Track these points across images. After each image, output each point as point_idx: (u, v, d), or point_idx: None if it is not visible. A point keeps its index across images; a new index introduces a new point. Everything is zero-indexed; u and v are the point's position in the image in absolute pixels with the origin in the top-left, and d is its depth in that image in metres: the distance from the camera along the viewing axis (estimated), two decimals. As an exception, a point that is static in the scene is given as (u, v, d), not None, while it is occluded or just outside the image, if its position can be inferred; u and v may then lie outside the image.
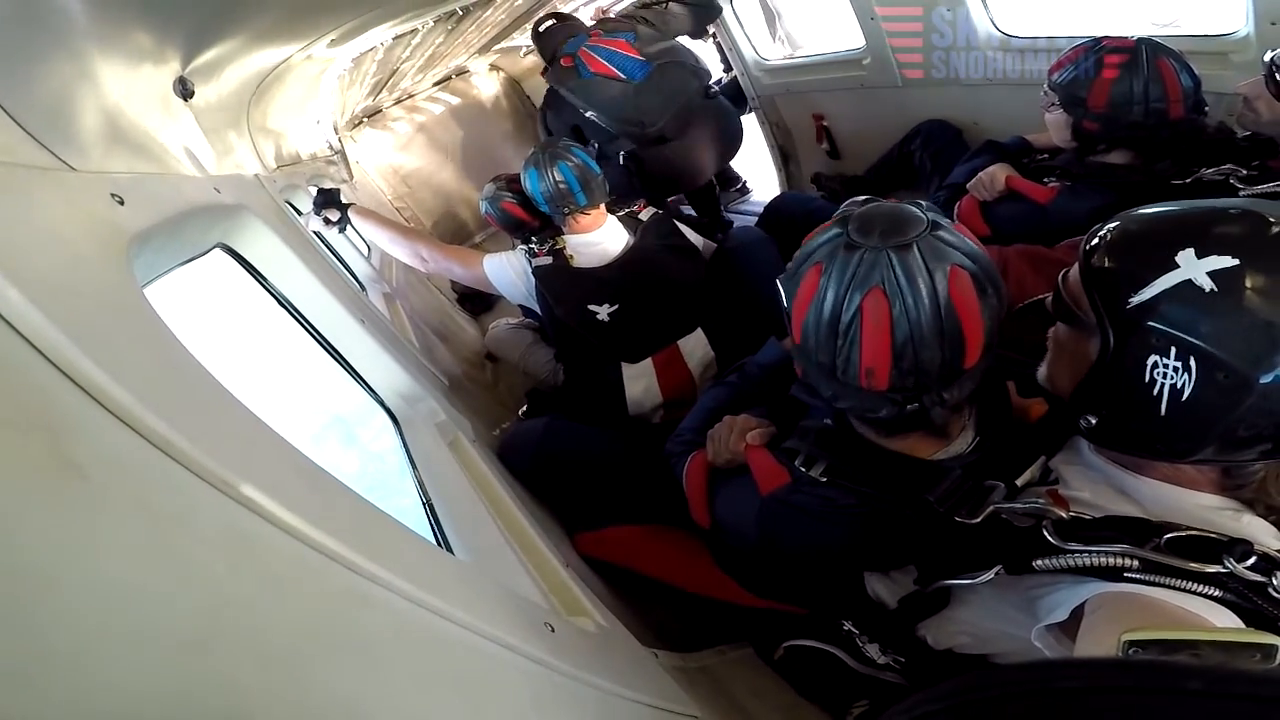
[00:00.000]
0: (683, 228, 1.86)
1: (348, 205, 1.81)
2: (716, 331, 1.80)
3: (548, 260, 1.71)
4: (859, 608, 0.95)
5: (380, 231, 1.90)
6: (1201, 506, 0.67)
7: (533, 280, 1.72)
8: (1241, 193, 1.26)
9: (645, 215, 1.83)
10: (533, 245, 1.76)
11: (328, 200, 1.78)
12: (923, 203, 0.78)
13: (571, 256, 1.72)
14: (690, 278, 1.76)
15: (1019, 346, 0.97)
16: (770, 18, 2.88)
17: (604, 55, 2.24)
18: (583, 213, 1.74)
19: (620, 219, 1.82)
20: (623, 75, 2.24)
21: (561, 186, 1.70)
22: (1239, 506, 0.67)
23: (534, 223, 2.07)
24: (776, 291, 0.86)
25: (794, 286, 0.81)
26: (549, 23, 2.53)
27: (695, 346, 1.75)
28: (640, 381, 1.71)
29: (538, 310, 1.82)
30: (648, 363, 1.71)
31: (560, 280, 1.69)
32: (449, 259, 1.87)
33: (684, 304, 1.75)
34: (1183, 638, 0.49)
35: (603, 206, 1.78)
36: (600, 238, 1.75)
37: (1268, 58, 1.27)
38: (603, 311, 1.67)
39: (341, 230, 1.81)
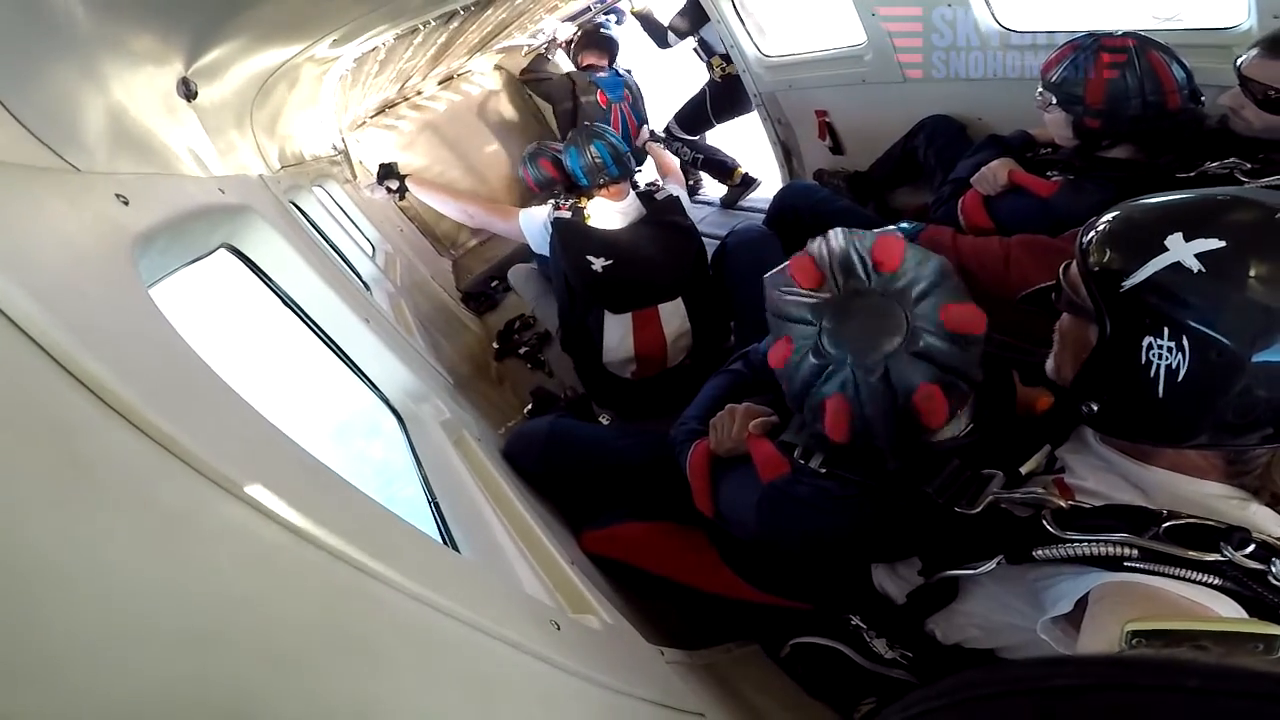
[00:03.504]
0: (690, 208, 2.08)
1: (405, 175, 2.27)
2: (700, 315, 2.03)
3: (567, 214, 1.98)
4: (865, 602, 0.95)
5: (436, 196, 2.35)
6: (1207, 495, 0.67)
7: (550, 229, 2.00)
8: (1245, 185, 1.25)
9: (660, 196, 2.07)
10: (558, 200, 2.05)
11: (388, 172, 2.25)
12: (907, 303, 0.79)
13: (589, 216, 1.98)
14: (680, 253, 1.99)
15: (1023, 336, 0.97)
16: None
17: None
18: (614, 183, 2.01)
19: (639, 194, 2.07)
20: None
21: (597, 160, 1.98)
22: (1245, 495, 0.67)
23: (563, 181, 2.34)
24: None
25: (771, 335, 0.88)
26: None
27: (673, 314, 1.99)
28: (617, 331, 1.97)
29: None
30: (628, 316, 1.96)
31: (571, 231, 1.95)
32: (490, 214, 2.25)
33: (669, 274, 1.98)
34: (1185, 628, 0.49)
35: (628, 181, 2.05)
36: (620, 207, 2.02)
37: (1238, 63, 1.27)
38: (597, 263, 1.90)
39: (401, 197, 2.29)
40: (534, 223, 2.08)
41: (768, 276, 0.89)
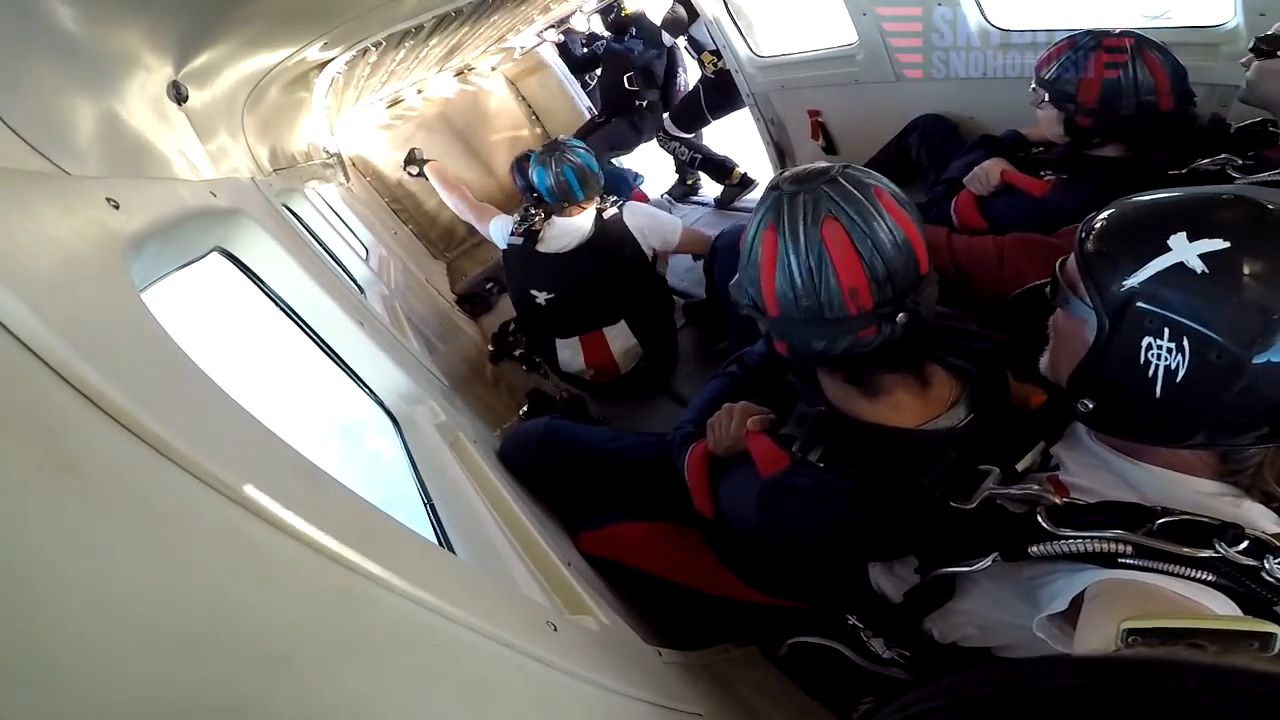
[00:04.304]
0: (633, 227, 2.09)
1: (425, 161, 2.63)
2: (646, 329, 2.16)
3: (518, 241, 2.06)
4: (863, 601, 0.95)
5: (441, 184, 2.61)
6: (1200, 493, 0.67)
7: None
8: (1237, 181, 1.26)
9: (608, 215, 2.08)
10: (516, 221, 2.13)
11: (412, 158, 2.67)
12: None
13: (543, 239, 2.04)
14: (619, 279, 2.08)
15: (1016, 334, 0.97)
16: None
17: None
18: (579, 206, 2.04)
19: (596, 211, 2.10)
20: None
21: (563, 183, 1.99)
22: (1238, 493, 0.67)
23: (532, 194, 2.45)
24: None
25: (754, 267, 0.85)
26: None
27: (617, 334, 2.12)
28: (568, 351, 2.14)
29: None
30: (576, 339, 2.11)
31: (516, 264, 2.09)
32: (471, 212, 2.42)
33: (608, 301, 2.09)
34: (1181, 626, 0.49)
35: (594, 200, 2.08)
36: (577, 225, 2.06)
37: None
38: (541, 297, 2.05)
39: (425, 178, 2.69)
40: (498, 231, 2.22)
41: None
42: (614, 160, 3.74)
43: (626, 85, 3.50)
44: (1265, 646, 0.47)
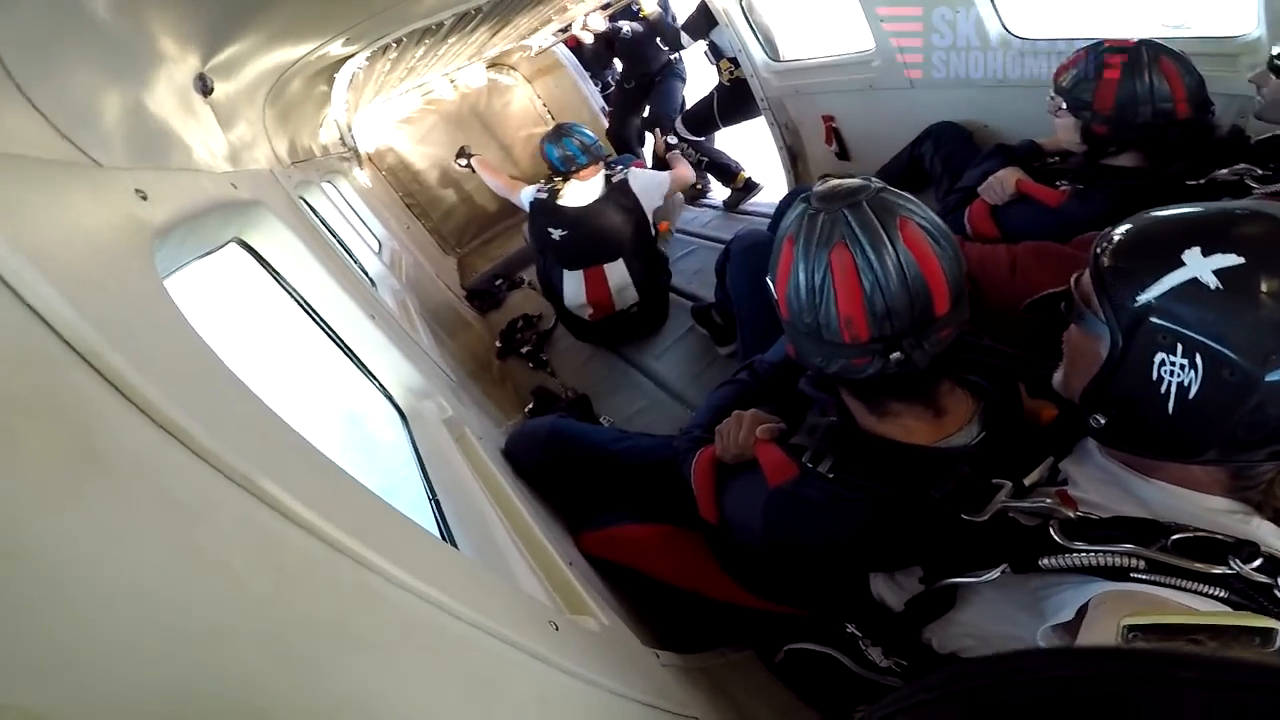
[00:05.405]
0: (635, 189, 2.57)
1: (472, 155, 3.16)
2: (640, 272, 2.60)
3: (544, 196, 2.58)
4: (862, 610, 0.96)
5: (484, 169, 3.10)
6: (1210, 510, 0.67)
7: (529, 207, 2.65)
8: (1256, 192, 1.25)
9: (616, 179, 2.57)
10: (541, 185, 2.64)
11: (462, 152, 3.21)
12: (872, 178, 0.85)
13: (562, 195, 2.54)
14: (620, 227, 2.55)
15: (1029, 347, 0.97)
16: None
17: None
18: (585, 169, 2.51)
19: (605, 176, 2.57)
20: None
21: (569, 153, 2.48)
22: (1248, 510, 0.67)
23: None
24: (766, 290, 0.91)
25: (775, 267, 0.87)
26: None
27: (614, 271, 2.58)
28: (573, 283, 2.61)
29: None
30: (580, 272, 2.58)
31: (541, 210, 2.58)
32: (506, 187, 2.93)
33: (609, 242, 2.55)
34: (1182, 623, 0.49)
35: (599, 165, 2.55)
36: (588, 186, 2.54)
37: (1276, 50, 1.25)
38: (556, 233, 2.54)
39: (472, 171, 3.18)
40: (526, 197, 2.69)
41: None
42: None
43: (660, 45, 3.71)
44: (1266, 642, 0.47)
